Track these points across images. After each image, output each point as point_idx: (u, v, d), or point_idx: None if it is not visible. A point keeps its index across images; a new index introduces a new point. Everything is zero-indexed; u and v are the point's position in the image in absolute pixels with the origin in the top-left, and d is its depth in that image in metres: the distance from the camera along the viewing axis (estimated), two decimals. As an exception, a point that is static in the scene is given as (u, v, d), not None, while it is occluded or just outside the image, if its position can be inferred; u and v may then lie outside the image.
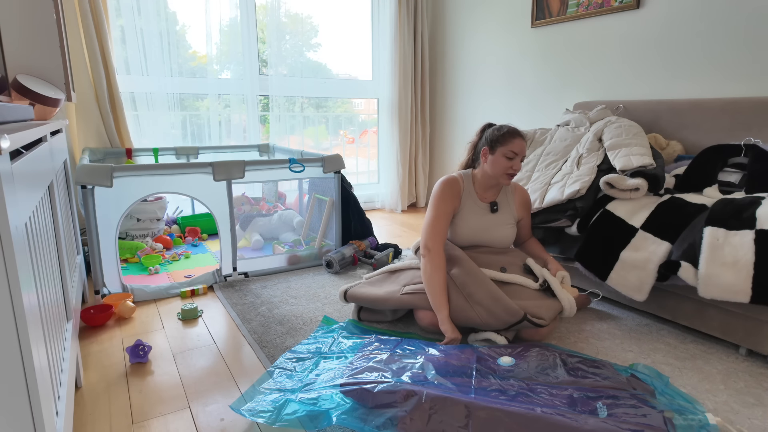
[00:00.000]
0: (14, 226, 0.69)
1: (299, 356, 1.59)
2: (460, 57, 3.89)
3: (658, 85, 2.59)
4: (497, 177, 1.81)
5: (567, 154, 2.31)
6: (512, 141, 1.76)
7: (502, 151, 1.77)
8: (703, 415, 1.18)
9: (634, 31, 2.66)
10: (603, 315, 2.00)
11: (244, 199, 3.37)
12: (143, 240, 2.85)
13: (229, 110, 3.52)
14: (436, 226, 1.78)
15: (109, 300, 2.03)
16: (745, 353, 1.66)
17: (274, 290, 2.25)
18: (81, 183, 1.97)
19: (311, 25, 3.77)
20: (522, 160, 1.80)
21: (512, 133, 1.78)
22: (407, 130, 4.07)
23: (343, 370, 1.38)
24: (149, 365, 1.61)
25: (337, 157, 2.60)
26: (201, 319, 1.96)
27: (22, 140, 0.85)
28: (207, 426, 1.29)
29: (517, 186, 1.97)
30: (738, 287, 1.49)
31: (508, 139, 1.77)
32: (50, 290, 1.10)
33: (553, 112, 3.19)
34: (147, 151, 3.08)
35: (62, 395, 1.02)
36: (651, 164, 1.97)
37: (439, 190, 1.84)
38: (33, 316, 0.78)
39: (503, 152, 1.77)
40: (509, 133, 1.78)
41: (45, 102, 1.69)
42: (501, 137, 1.78)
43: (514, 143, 1.76)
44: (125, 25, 3.04)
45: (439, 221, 1.79)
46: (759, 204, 1.59)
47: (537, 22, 3.17)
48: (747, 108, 2.14)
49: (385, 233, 3.38)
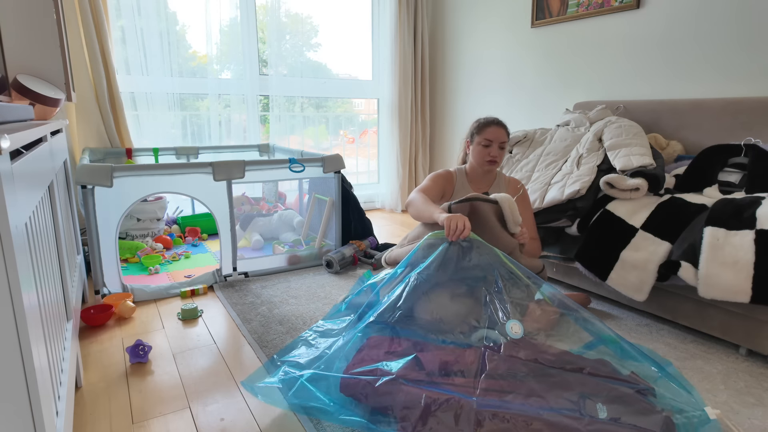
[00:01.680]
0: (14, 226, 0.69)
1: (324, 331, 1.58)
2: (460, 57, 3.89)
3: (658, 85, 2.59)
4: (480, 165, 1.92)
5: (567, 154, 2.31)
6: (486, 129, 1.89)
7: (479, 139, 1.91)
8: (703, 411, 1.18)
9: (635, 31, 2.66)
10: (603, 315, 2.00)
11: (244, 199, 3.37)
12: (143, 240, 2.85)
13: (229, 110, 3.52)
14: (423, 189, 1.89)
15: (109, 300, 2.03)
16: (745, 353, 1.66)
17: (274, 290, 2.25)
18: (81, 183, 1.97)
19: (311, 25, 3.77)
20: (501, 147, 1.89)
21: (487, 122, 1.90)
22: (407, 130, 4.07)
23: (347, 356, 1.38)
24: (149, 365, 1.61)
25: (337, 157, 2.60)
26: (201, 319, 1.96)
27: (23, 140, 0.85)
28: (207, 426, 1.29)
29: (511, 179, 2.02)
30: (738, 287, 1.49)
31: (483, 128, 1.90)
32: (50, 290, 1.10)
33: (554, 112, 3.19)
34: (147, 151, 3.08)
35: (62, 395, 1.02)
36: (651, 164, 1.97)
37: (432, 174, 1.99)
38: (33, 315, 0.78)
39: (479, 141, 1.90)
40: (484, 122, 1.91)
41: (45, 102, 1.69)
42: (477, 127, 1.92)
43: (488, 131, 1.88)
44: (125, 24, 3.04)
45: (427, 187, 1.90)
46: (759, 204, 1.59)
47: (537, 22, 3.17)
48: (747, 108, 2.14)
49: (385, 233, 3.38)
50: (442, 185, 1.95)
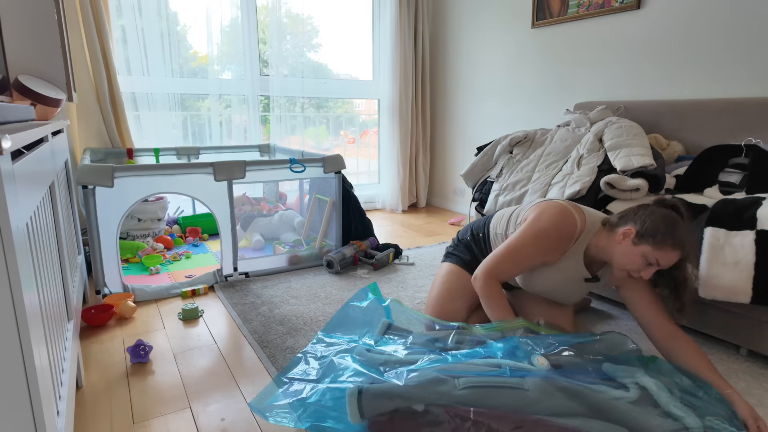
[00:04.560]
0: (15, 226, 0.69)
1: (330, 343, 1.51)
2: (460, 57, 3.89)
3: (658, 86, 2.59)
4: (619, 271, 1.44)
5: (567, 155, 2.31)
6: (666, 251, 1.35)
7: (648, 251, 1.37)
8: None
9: (635, 31, 2.66)
10: (603, 315, 2.00)
11: (244, 199, 3.37)
12: (144, 240, 2.86)
13: (229, 110, 3.53)
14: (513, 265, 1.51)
15: (109, 300, 2.03)
16: (745, 354, 1.66)
17: (274, 290, 2.25)
18: (82, 183, 1.97)
19: (312, 25, 3.77)
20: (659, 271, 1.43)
21: (674, 243, 1.35)
22: (408, 131, 4.07)
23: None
24: (150, 365, 1.61)
25: (338, 158, 2.60)
26: (202, 319, 1.96)
27: (24, 140, 0.85)
28: (207, 426, 1.30)
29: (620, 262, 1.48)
30: (739, 288, 1.49)
31: (664, 246, 1.35)
32: (51, 290, 1.11)
33: (554, 113, 3.19)
34: (148, 151, 3.08)
35: (63, 395, 1.03)
36: (651, 165, 1.97)
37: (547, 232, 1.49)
38: (34, 315, 0.78)
39: (647, 253, 1.37)
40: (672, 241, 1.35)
41: (46, 102, 1.70)
42: (660, 237, 1.35)
43: (666, 254, 1.36)
44: (126, 25, 3.05)
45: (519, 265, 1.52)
46: (760, 204, 1.59)
47: (537, 22, 3.17)
48: (748, 108, 2.14)
49: (385, 233, 3.38)
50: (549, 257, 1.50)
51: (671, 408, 1.19)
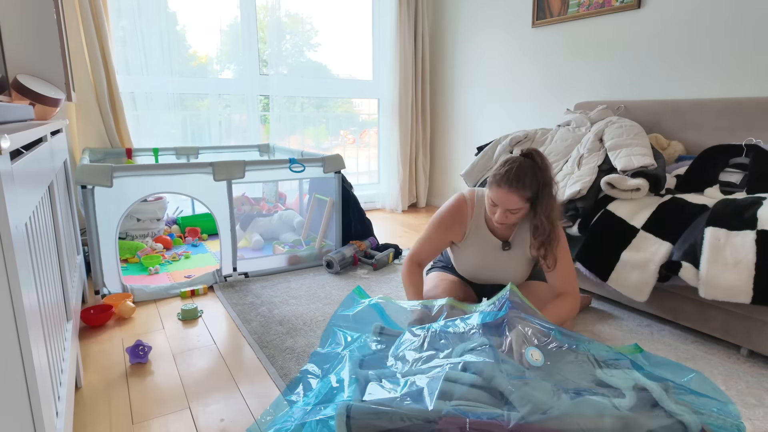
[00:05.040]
0: (14, 226, 0.69)
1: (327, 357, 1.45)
2: (460, 57, 3.88)
3: (659, 85, 2.59)
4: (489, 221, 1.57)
5: (568, 155, 2.30)
6: (494, 189, 1.47)
7: (489, 192, 1.50)
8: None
9: (635, 30, 2.66)
10: (604, 315, 2.00)
11: (244, 199, 3.37)
12: (143, 240, 2.85)
13: (229, 110, 3.52)
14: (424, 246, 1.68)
15: (109, 300, 2.03)
16: (746, 354, 1.66)
17: (274, 290, 2.24)
18: (81, 183, 1.97)
19: (311, 25, 3.77)
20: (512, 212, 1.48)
21: (498, 179, 1.45)
22: (407, 130, 4.07)
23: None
24: (149, 365, 1.60)
25: (338, 157, 2.60)
26: (201, 319, 1.96)
27: (23, 140, 0.85)
28: (207, 426, 1.29)
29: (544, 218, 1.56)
30: (739, 288, 1.49)
31: (492, 184, 1.48)
32: (50, 290, 1.10)
33: (554, 113, 3.19)
34: (147, 151, 3.08)
35: (62, 395, 1.02)
36: (652, 164, 1.97)
37: (441, 213, 1.65)
38: (33, 316, 0.77)
39: (489, 194, 1.50)
40: (495, 178, 1.46)
41: (45, 102, 1.69)
42: (492, 177, 1.47)
43: (496, 192, 1.46)
44: (125, 25, 3.04)
45: (428, 244, 1.67)
46: (760, 204, 1.59)
47: (538, 22, 3.17)
48: (748, 108, 2.14)
49: (385, 233, 3.38)
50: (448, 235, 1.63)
51: (672, 407, 1.19)
